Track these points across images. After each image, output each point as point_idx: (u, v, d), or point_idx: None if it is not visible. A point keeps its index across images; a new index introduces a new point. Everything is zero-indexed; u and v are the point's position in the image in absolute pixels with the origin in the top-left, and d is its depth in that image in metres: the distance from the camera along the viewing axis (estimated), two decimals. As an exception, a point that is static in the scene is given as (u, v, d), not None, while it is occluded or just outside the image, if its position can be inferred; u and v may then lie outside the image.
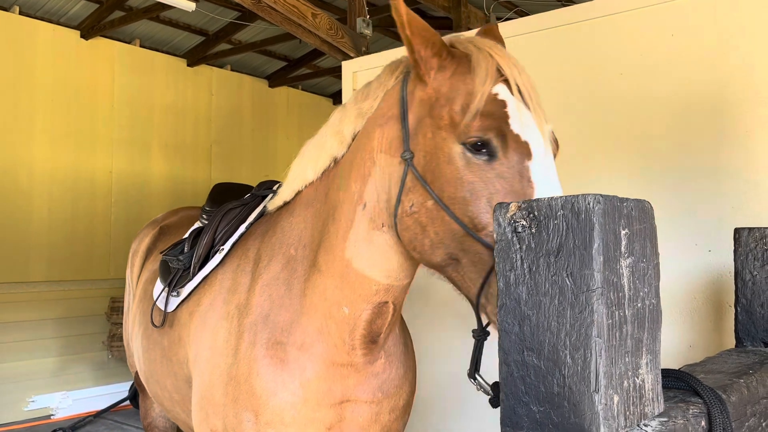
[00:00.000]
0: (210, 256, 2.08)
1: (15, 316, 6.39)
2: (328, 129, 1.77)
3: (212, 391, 1.83)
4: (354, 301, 1.67)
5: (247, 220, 2.07)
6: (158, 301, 2.24)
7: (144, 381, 2.56)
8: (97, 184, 7.13)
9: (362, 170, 1.61)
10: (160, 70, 7.77)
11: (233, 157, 8.56)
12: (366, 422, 1.80)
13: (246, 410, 1.74)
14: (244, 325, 1.79)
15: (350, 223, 1.63)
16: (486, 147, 1.36)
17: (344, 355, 1.72)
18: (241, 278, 1.89)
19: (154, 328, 2.26)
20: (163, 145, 7.80)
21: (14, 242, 6.42)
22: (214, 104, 8.37)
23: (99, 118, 7.16)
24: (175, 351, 2.12)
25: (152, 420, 3.04)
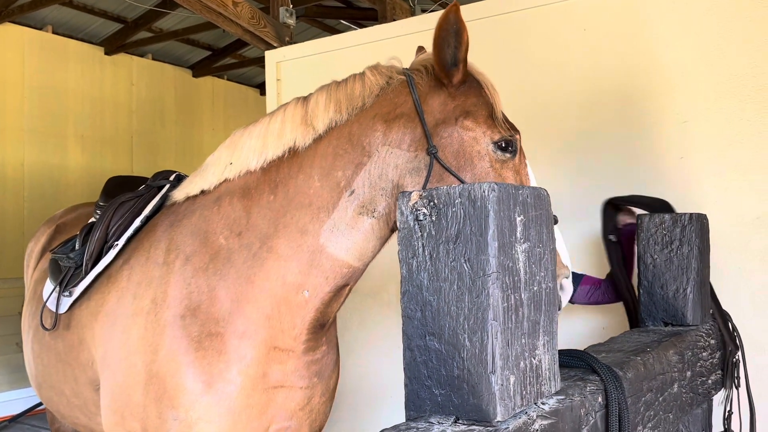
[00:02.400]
0: (103, 252, 2.00)
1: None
2: (287, 119, 1.76)
3: (128, 392, 1.77)
4: (318, 284, 1.71)
5: (143, 213, 2.00)
6: (48, 302, 2.12)
7: (36, 387, 2.42)
8: (8, 177, 6.76)
9: (353, 159, 1.67)
10: (75, 58, 7.42)
11: (156, 148, 8.30)
12: (297, 406, 1.81)
13: (172, 408, 1.69)
14: (164, 319, 1.74)
15: (330, 208, 1.68)
16: (510, 146, 1.66)
17: (289, 340, 1.73)
18: (153, 271, 1.83)
19: (45, 332, 2.14)
20: (80, 137, 7.47)
21: None
22: (134, 94, 8.08)
23: (8, 107, 6.78)
24: (74, 355, 2.02)
25: (60, 425, 2.91)
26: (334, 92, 1.77)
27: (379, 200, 1.67)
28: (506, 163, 1.66)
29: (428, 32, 2.32)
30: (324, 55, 4.10)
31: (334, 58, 3.94)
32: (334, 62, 3.98)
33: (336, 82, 1.80)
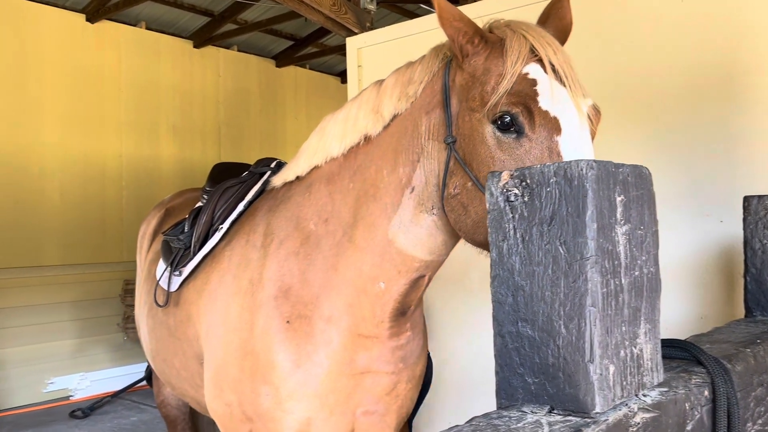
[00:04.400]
0: (210, 235, 2.09)
1: (29, 300, 6.46)
2: (362, 105, 1.76)
3: (227, 367, 1.85)
4: (392, 277, 1.70)
5: (245, 197, 2.08)
6: (161, 281, 2.25)
7: (150, 359, 2.59)
8: (108, 168, 7.16)
9: (411, 155, 1.63)
10: (166, 52, 7.74)
11: (242, 138, 8.55)
12: (383, 391, 1.83)
13: (264, 384, 1.76)
14: (259, 300, 1.81)
15: (396, 205, 1.66)
16: (514, 124, 1.40)
17: (372, 327, 1.75)
18: (251, 253, 1.91)
19: (158, 308, 2.28)
20: (171, 128, 7.80)
21: (26, 227, 6.47)
22: (221, 86, 8.34)
23: (107, 102, 7.17)
24: (183, 330, 2.15)
25: (165, 398, 3.08)
26: (401, 76, 1.72)
27: (435, 197, 1.61)
28: (512, 145, 1.40)
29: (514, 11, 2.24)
30: (404, 39, 4.07)
31: (414, 42, 3.90)
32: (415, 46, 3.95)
33: (407, 64, 1.75)
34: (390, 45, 4.26)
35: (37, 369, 6.43)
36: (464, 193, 1.50)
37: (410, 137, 1.63)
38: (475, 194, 1.47)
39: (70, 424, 5.64)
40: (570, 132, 1.38)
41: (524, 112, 1.39)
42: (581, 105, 1.41)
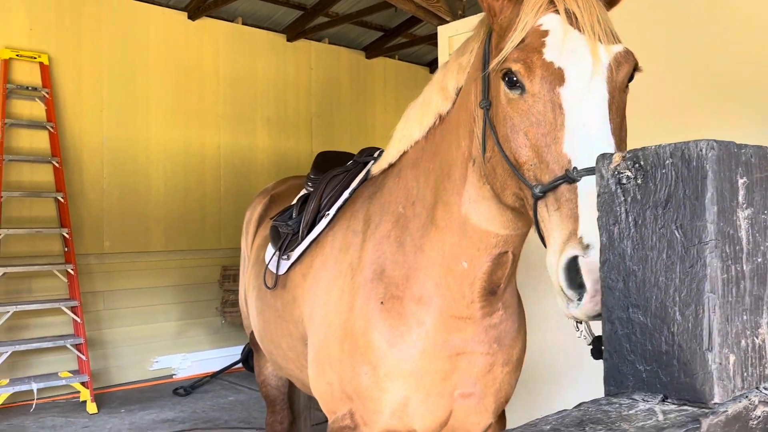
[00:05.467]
0: (317, 221, 2.17)
1: (136, 283, 6.89)
2: (433, 86, 1.79)
3: (328, 347, 1.92)
4: (473, 255, 1.69)
5: (350, 186, 2.15)
6: (270, 265, 2.36)
7: (258, 340, 2.72)
8: (207, 159, 7.50)
9: (468, 126, 1.62)
10: (261, 46, 8.00)
11: (333, 129, 8.72)
12: (480, 372, 1.83)
13: (363, 363, 1.81)
14: (358, 282, 1.86)
15: (464, 180, 1.66)
16: (518, 80, 1.36)
17: (462, 308, 1.75)
18: (351, 239, 1.97)
19: (267, 291, 2.39)
20: (266, 120, 8.07)
21: (135, 215, 6.90)
22: (313, 78, 8.54)
23: (206, 95, 7.50)
24: (289, 311, 2.24)
25: (265, 378, 3.22)
26: (459, 49, 1.70)
27: None
28: (518, 102, 1.35)
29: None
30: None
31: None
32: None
33: (469, 38, 1.72)
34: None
35: (144, 348, 6.86)
36: (493, 156, 1.48)
37: (466, 108, 1.61)
38: (498, 155, 1.45)
39: (174, 401, 5.98)
40: (576, 83, 1.30)
41: (525, 66, 1.34)
42: (600, 52, 1.32)
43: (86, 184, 6.56)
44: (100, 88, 6.69)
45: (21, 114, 6.11)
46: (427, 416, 1.84)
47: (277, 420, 3.21)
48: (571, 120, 1.28)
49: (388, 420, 1.85)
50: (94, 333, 6.39)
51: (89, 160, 6.58)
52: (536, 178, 1.32)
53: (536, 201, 1.32)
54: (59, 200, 6.18)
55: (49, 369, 6.09)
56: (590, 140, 1.24)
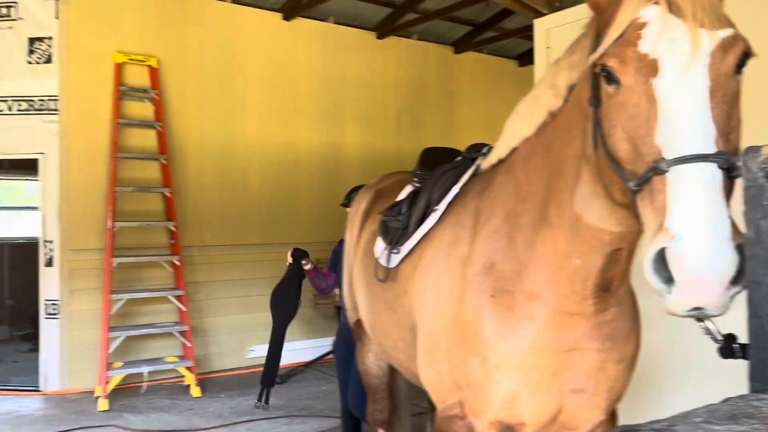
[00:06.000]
0: (426, 216, 2.23)
1: (236, 275, 7.21)
2: (543, 83, 1.79)
3: (438, 337, 1.97)
4: (586, 252, 1.69)
5: (460, 181, 2.18)
6: (380, 258, 2.44)
7: (369, 331, 2.81)
8: (300, 155, 7.73)
9: (581, 124, 1.62)
10: (352, 44, 8.15)
11: (421, 125, 8.76)
12: (592, 370, 1.82)
13: (472, 354, 1.85)
14: (467, 275, 1.90)
15: (577, 177, 1.66)
16: (614, 75, 1.36)
17: (574, 304, 1.76)
18: (461, 233, 2.01)
19: (377, 283, 2.47)
20: (355, 117, 8.22)
21: (233, 209, 7.21)
22: (401, 74, 8.61)
23: (300, 94, 7.73)
24: (399, 303, 2.31)
25: (367, 367, 3.31)
26: (570, 47, 1.69)
27: None
28: (614, 97, 1.36)
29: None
30: (597, 17, 3.92)
31: (607, 19, 3.75)
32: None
33: (580, 35, 1.71)
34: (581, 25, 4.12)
35: (241, 337, 7.17)
36: (602, 154, 1.47)
37: (579, 106, 1.61)
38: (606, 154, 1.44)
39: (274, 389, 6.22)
40: (671, 72, 1.27)
41: (620, 61, 1.34)
42: (701, 39, 1.27)
43: (189, 180, 6.92)
44: (202, 89, 7.03)
45: (132, 114, 6.53)
46: (536, 410, 1.85)
47: (378, 409, 3.30)
48: (664, 110, 1.26)
49: (497, 411, 1.88)
50: (195, 321, 6.74)
51: (192, 158, 6.94)
52: (633, 172, 1.32)
53: (635, 195, 1.32)
54: (166, 195, 6.56)
55: (156, 354, 6.49)
56: (682, 130, 1.22)
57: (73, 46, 6.24)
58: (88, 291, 6.20)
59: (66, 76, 6.21)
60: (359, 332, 3.27)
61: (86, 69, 6.30)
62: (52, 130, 6.19)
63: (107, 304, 6.00)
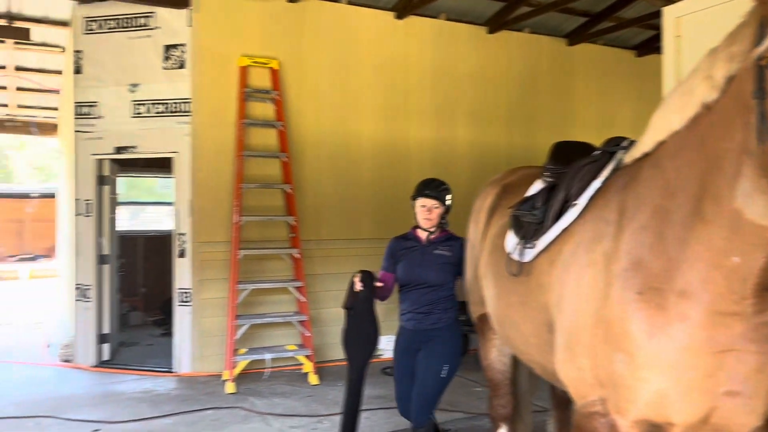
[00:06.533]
0: (564, 211, 2.22)
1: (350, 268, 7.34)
2: (697, 75, 1.75)
3: (579, 333, 1.97)
4: (746, 250, 1.64)
5: (600, 176, 2.16)
6: (513, 253, 2.45)
7: (497, 325, 2.83)
8: (411, 152, 7.83)
9: (742, 117, 1.57)
10: (464, 40, 8.15)
11: (532, 119, 8.63)
12: (750, 372, 1.77)
13: (618, 351, 1.84)
14: (612, 271, 1.89)
15: (737, 173, 1.61)
16: None
17: (731, 304, 1.71)
18: (604, 228, 1.99)
19: (507, 277, 2.49)
20: (466, 113, 8.22)
21: (348, 205, 7.44)
22: (512, 68, 8.51)
23: (411, 91, 7.84)
24: (534, 297, 2.32)
25: (490, 362, 3.34)
26: (728, 38, 1.63)
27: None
28: None
29: None
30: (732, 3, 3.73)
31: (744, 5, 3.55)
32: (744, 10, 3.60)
33: (740, 24, 1.65)
34: (715, 11, 3.93)
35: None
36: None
37: (739, 99, 1.55)
38: None
39: (383, 380, 6.36)
40: None
41: None
42: None
43: (307, 176, 7.21)
44: (319, 89, 7.30)
45: (256, 115, 6.89)
46: (686, 411, 1.81)
47: (501, 404, 3.32)
48: None
49: (643, 410, 1.85)
50: (312, 312, 7.01)
51: (310, 155, 7.23)
52: None
53: None
54: (287, 191, 6.88)
55: (276, 342, 6.83)
56: None
57: (203, 51, 6.67)
58: (216, 281, 6.63)
59: (197, 80, 6.65)
60: (483, 327, 3.30)
61: (215, 73, 6.72)
62: (185, 131, 6.66)
63: (234, 294, 6.39)
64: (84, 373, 6.82)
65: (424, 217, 3.80)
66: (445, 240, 3.82)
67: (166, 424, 5.13)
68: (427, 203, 3.76)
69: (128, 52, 6.81)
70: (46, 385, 6.36)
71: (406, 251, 3.88)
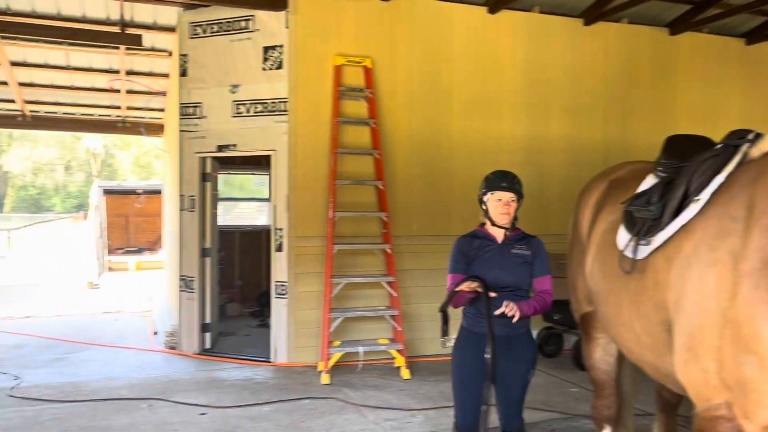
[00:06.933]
0: (684, 206, 2.14)
1: (439, 264, 7.39)
2: None
3: (703, 334, 1.90)
4: None
5: (724, 170, 2.07)
6: (625, 250, 2.39)
7: (605, 324, 2.77)
8: (502, 148, 7.73)
9: None
10: (557, 33, 7.97)
11: (630, 112, 8.32)
12: None
13: (748, 353, 1.76)
14: (742, 270, 1.82)
15: None
16: None
17: None
18: (730, 225, 1.92)
19: (617, 275, 2.43)
20: (560, 108, 8.03)
21: (438, 201, 7.45)
22: (609, 60, 8.23)
23: (503, 86, 7.74)
24: (648, 295, 2.25)
25: (595, 362, 3.26)
26: None
27: None
28: None
29: None
30: None
31: None
32: None
33: None
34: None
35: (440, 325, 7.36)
36: None
37: None
38: None
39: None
40: None
41: None
42: None
43: (397, 173, 7.28)
44: (410, 86, 7.35)
45: (349, 113, 7.02)
46: None
47: (605, 405, 3.24)
48: None
49: None
50: (403, 307, 7.08)
51: (400, 152, 7.29)
52: None
53: None
54: (379, 187, 6.98)
55: (368, 336, 6.94)
56: None
57: (299, 52, 6.87)
58: (312, 274, 6.83)
59: (293, 80, 6.86)
60: (587, 326, 3.23)
61: (310, 72, 6.91)
62: (282, 129, 6.89)
63: (328, 287, 6.56)
64: (188, 359, 7.21)
65: (501, 212, 3.37)
66: (521, 238, 3.39)
67: (266, 411, 5.34)
68: (505, 197, 3.37)
69: (229, 54, 7.11)
70: (155, 370, 6.78)
71: (479, 251, 3.41)
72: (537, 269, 3.26)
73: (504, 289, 3.25)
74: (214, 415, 5.23)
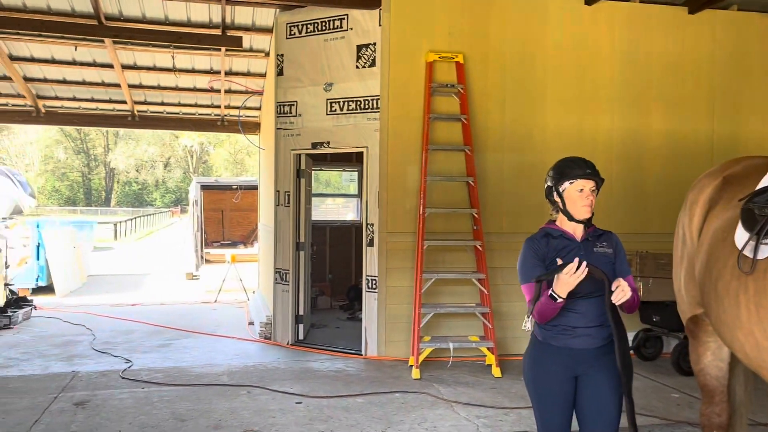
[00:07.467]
0: None
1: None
2: None
3: None
4: None
5: None
6: (745, 249, 2.28)
7: (717, 327, 2.65)
8: (598, 143, 7.49)
9: None
10: (659, 22, 7.62)
11: (739, 105, 7.84)
12: None
13: None
14: None
15: None
16: None
17: None
18: None
19: (734, 276, 2.32)
20: (661, 100, 7.68)
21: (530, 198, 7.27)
22: (716, 50, 7.79)
23: (600, 79, 7.49)
24: None
25: (704, 367, 3.12)
26: None
27: None
28: None
29: None
30: None
31: None
32: None
33: None
34: None
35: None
36: None
37: None
38: None
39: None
40: None
41: None
42: None
43: (489, 169, 7.21)
44: (503, 80, 7.25)
45: (440, 109, 7.02)
46: None
47: (715, 412, 3.09)
48: None
49: None
50: (493, 305, 7.02)
51: (492, 148, 7.21)
52: None
53: None
54: (470, 184, 6.94)
55: (457, 332, 6.93)
56: None
57: (392, 49, 6.93)
58: (402, 270, 6.89)
59: (386, 77, 6.93)
60: (695, 329, 3.09)
61: (403, 69, 6.96)
62: (374, 126, 6.98)
63: (419, 283, 6.60)
64: (282, 349, 7.46)
65: (583, 203, 2.88)
66: (599, 234, 2.97)
67: (358, 402, 5.45)
68: (587, 185, 2.88)
69: (324, 53, 7.28)
70: (251, 358, 7.06)
71: (560, 253, 2.90)
72: (621, 268, 2.87)
73: (592, 294, 2.78)
74: (309, 404, 5.39)
